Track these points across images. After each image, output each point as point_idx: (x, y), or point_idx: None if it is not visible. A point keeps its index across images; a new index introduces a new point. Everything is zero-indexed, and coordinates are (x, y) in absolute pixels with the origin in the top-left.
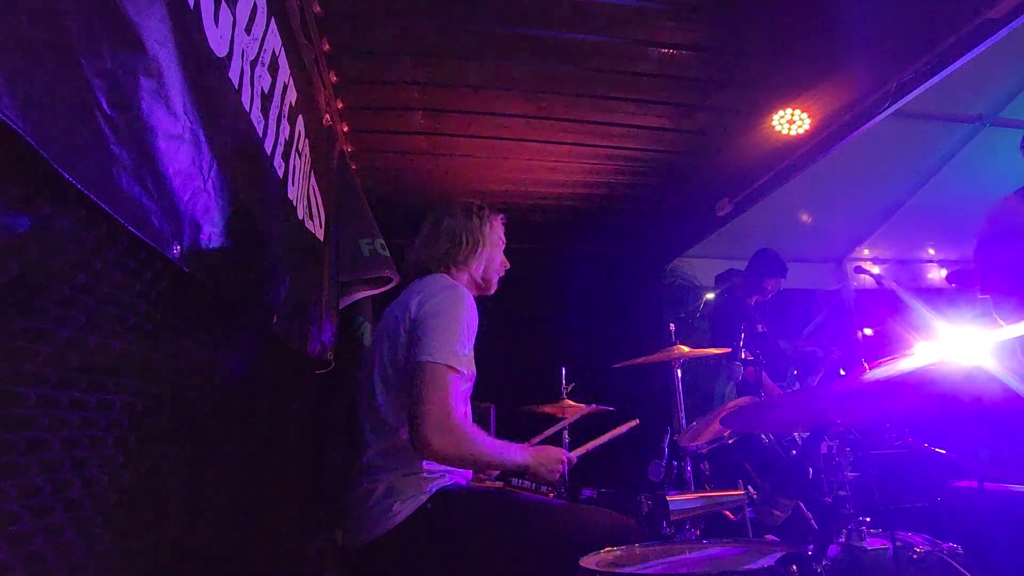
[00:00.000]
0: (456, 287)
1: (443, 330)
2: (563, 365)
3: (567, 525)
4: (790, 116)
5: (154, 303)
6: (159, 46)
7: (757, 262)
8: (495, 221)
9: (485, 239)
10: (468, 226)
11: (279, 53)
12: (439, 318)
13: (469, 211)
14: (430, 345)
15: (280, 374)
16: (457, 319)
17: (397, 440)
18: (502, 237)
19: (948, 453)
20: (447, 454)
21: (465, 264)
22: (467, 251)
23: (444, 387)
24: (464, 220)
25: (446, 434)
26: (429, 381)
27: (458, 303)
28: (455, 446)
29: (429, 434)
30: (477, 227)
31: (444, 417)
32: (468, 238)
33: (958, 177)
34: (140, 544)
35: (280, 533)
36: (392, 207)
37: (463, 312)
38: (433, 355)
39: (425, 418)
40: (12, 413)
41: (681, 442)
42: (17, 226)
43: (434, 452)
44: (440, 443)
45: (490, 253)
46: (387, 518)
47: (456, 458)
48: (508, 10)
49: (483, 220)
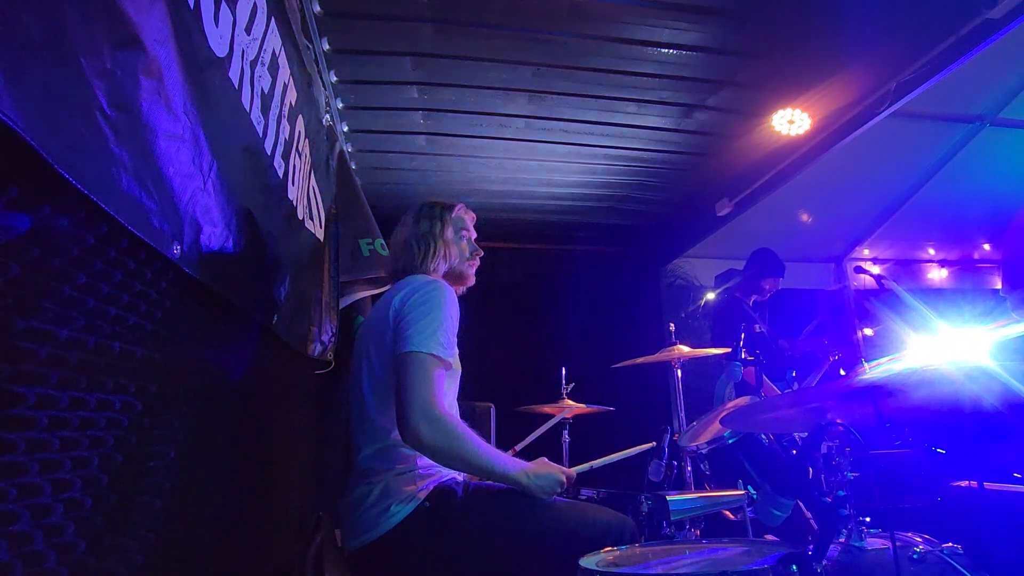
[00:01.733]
0: (436, 281)
1: (426, 321)
2: (563, 365)
3: (567, 523)
4: (790, 116)
5: (154, 303)
6: (159, 46)
7: (754, 262)
8: (449, 215)
9: (438, 238)
10: (416, 232)
11: (279, 53)
12: (421, 309)
13: (418, 216)
14: (414, 336)
15: (280, 374)
16: (440, 310)
17: (389, 441)
18: (467, 227)
19: (948, 453)
20: (438, 447)
21: (429, 269)
22: (423, 255)
23: (429, 377)
24: (414, 226)
25: (434, 424)
26: (414, 371)
27: (439, 295)
28: (445, 438)
29: (417, 424)
30: (427, 230)
31: (430, 407)
32: (421, 243)
33: (958, 177)
34: (140, 544)
35: (280, 533)
36: (392, 207)
37: (445, 304)
38: (417, 345)
39: (412, 407)
40: (12, 413)
41: (681, 442)
42: (17, 226)
43: (423, 444)
44: (430, 433)
45: (449, 250)
46: (385, 519)
47: (447, 452)
48: (508, 10)
49: (433, 220)
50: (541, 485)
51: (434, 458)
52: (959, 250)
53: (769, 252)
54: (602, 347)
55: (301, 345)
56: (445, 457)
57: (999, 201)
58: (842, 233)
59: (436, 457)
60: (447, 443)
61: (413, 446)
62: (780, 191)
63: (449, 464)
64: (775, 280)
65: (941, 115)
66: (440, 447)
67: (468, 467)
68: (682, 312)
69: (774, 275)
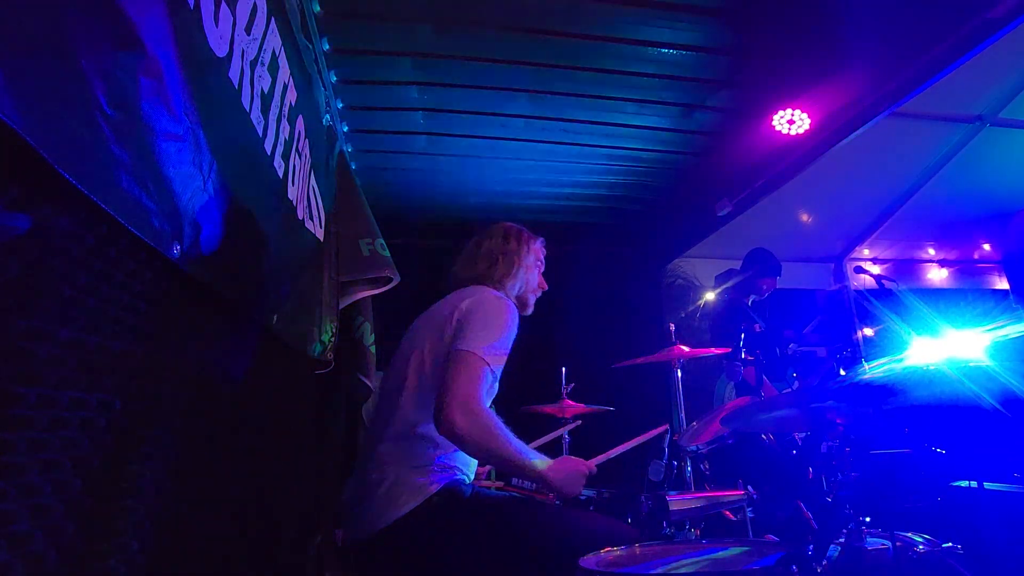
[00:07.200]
0: (507, 300)
1: (486, 329)
2: (563, 365)
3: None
4: (790, 116)
5: (154, 303)
6: (159, 46)
7: (750, 262)
8: (533, 244)
9: (521, 261)
10: (505, 248)
11: (279, 53)
12: (487, 318)
13: (507, 234)
14: (473, 338)
15: (280, 374)
16: (502, 324)
17: (414, 433)
18: (540, 259)
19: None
20: (472, 438)
21: (502, 285)
22: (502, 272)
23: (475, 375)
24: (502, 243)
25: (471, 416)
26: (463, 367)
27: (504, 312)
28: (480, 431)
29: (454, 413)
30: (514, 250)
31: (469, 399)
32: (504, 260)
33: (958, 177)
34: (140, 544)
35: (280, 533)
36: (392, 207)
37: (507, 320)
38: (471, 346)
39: (453, 397)
40: (12, 413)
41: (681, 442)
42: (17, 226)
43: (456, 432)
44: (465, 424)
45: (526, 275)
46: (393, 509)
47: (480, 445)
48: (508, 10)
49: (520, 243)
50: (566, 478)
51: (465, 449)
52: (959, 250)
53: (765, 252)
54: (602, 347)
55: (301, 345)
56: (475, 448)
57: (999, 201)
58: (842, 233)
59: (467, 448)
60: (479, 435)
61: (447, 435)
62: (780, 191)
63: (478, 456)
64: (772, 279)
65: (941, 115)
66: (475, 438)
67: (497, 460)
68: (682, 312)
69: (770, 275)
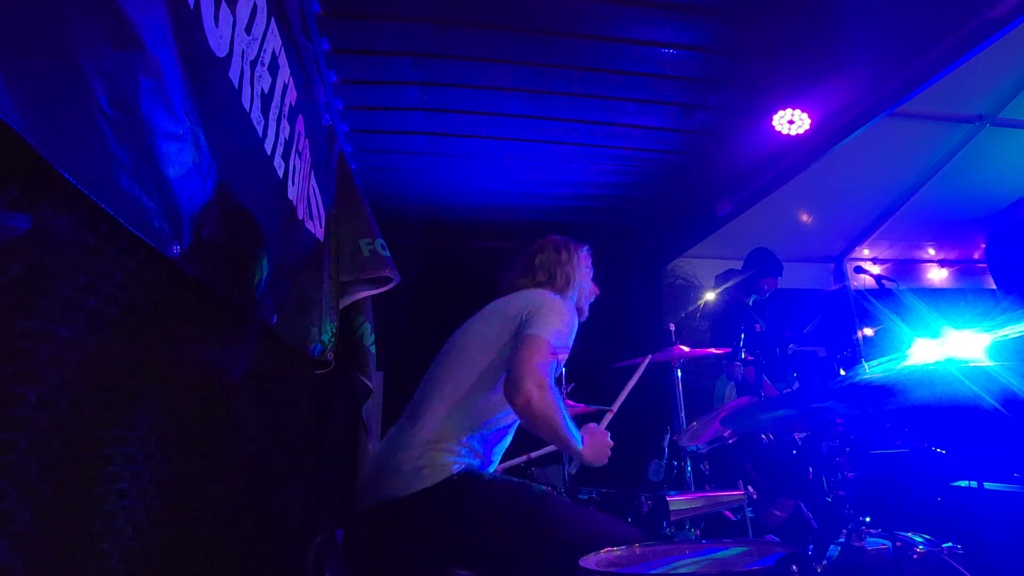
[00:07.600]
0: (571, 306)
1: (554, 323)
2: (563, 365)
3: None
4: (790, 116)
5: (154, 303)
6: (159, 46)
7: (752, 262)
8: (581, 253)
9: (575, 272)
10: (560, 261)
11: (279, 53)
12: (553, 316)
13: (558, 247)
14: (543, 325)
15: (280, 374)
16: (567, 322)
17: (457, 415)
18: (589, 266)
19: (948, 453)
20: (542, 412)
21: (563, 296)
22: (561, 284)
23: (546, 357)
24: (556, 256)
25: (545, 392)
26: (536, 349)
27: (568, 313)
28: (550, 407)
29: (531, 389)
30: (567, 260)
31: (544, 378)
32: (562, 273)
33: (958, 177)
34: (140, 544)
35: (280, 533)
36: (392, 207)
37: (570, 321)
38: (543, 332)
39: (530, 374)
40: (12, 413)
41: (681, 442)
42: (17, 226)
43: (531, 406)
44: (539, 399)
45: (581, 284)
46: (414, 481)
47: (547, 419)
48: (508, 10)
49: (571, 254)
50: (598, 451)
51: (534, 422)
52: (959, 250)
53: (766, 252)
54: (602, 347)
55: (301, 345)
56: (542, 423)
57: (999, 201)
58: (842, 233)
59: (535, 422)
60: (549, 411)
61: (519, 407)
62: (780, 191)
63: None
64: (773, 279)
65: (941, 115)
66: (545, 413)
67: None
68: (682, 312)
69: (772, 275)
